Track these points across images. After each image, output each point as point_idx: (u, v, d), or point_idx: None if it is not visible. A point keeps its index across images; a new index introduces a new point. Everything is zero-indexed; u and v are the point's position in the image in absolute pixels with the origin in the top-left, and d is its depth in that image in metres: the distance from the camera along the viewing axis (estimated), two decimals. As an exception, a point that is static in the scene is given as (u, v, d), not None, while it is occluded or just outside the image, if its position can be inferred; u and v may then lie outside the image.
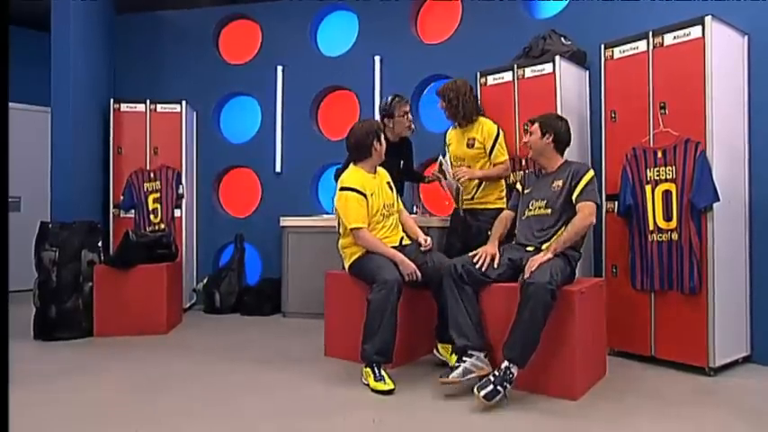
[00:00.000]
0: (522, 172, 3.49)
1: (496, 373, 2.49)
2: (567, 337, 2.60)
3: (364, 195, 3.09)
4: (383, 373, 2.79)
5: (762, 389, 2.74)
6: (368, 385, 2.78)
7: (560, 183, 2.88)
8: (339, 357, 3.30)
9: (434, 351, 3.16)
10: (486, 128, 3.47)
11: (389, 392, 2.70)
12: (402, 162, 3.81)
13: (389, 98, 3.75)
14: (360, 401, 2.60)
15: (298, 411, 2.49)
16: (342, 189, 3.13)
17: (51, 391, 2.78)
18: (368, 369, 2.83)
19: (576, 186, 2.82)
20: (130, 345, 3.70)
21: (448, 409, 2.50)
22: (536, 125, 2.99)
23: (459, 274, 2.79)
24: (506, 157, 3.50)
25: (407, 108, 3.74)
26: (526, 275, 2.60)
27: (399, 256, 3.05)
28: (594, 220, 2.81)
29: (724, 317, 2.94)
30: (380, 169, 3.32)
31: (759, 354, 3.11)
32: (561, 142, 2.98)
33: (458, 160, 3.57)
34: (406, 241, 3.26)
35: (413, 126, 3.84)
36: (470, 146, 3.49)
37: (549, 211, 2.88)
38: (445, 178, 3.67)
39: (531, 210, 2.97)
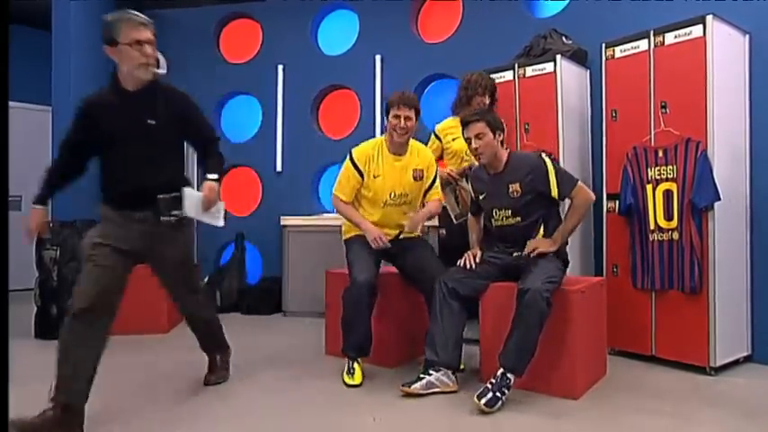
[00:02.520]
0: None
1: (493, 381, 2.46)
2: (567, 337, 2.60)
3: (361, 174, 2.96)
4: (355, 366, 2.87)
5: (763, 388, 2.74)
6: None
7: (518, 186, 2.71)
8: (339, 356, 3.29)
9: None
10: None
11: (355, 386, 2.79)
12: (156, 124, 2.35)
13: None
14: (360, 400, 2.60)
15: (297, 410, 2.49)
16: (349, 154, 3.03)
17: (51, 390, 2.77)
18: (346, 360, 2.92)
19: (549, 186, 2.68)
20: (131, 344, 3.70)
21: (448, 408, 2.49)
22: (482, 125, 2.70)
23: (449, 289, 2.73)
24: None
25: (145, 35, 2.31)
26: (526, 250, 2.67)
27: (366, 224, 2.95)
28: (592, 195, 2.74)
29: (725, 316, 2.94)
30: (423, 153, 3.06)
31: (760, 353, 3.11)
32: (503, 133, 2.79)
33: (470, 154, 3.28)
34: (408, 234, 3.07)
35: (159, 64, 2.48)
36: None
37: (519, 218, 2.75)
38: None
39: (497, 220, 2.82)
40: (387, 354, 3.10)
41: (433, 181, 3.11)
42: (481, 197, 2.90)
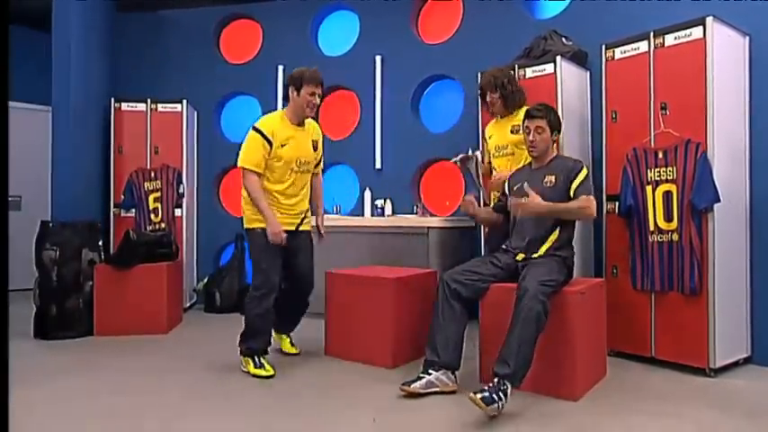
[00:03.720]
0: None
1: (491, 384, 2.38)
2: (567, 338, 2.60)
3: (270, 143, 2.99)
4: (263, 360, 2.99)
5: (762, 390, 2.74)
6: (248, 372, 2.98)
7: (553, 178, 2.83)
8: (339, 357, 3.30)
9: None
10: None
11: (271, 377, 2.91)
12: None
13: None
14: (360, 401, 2.60)
15: (297, 411, 2.49)
16: (253, 128, 3.05)
17: (51, 389, 2.78)
18: (247, 358, 3.01)
19: (572, 183, 2.78)
20: (130, 344, 3.70)
21: (448, 409, 2.50)
22: (544, 121, 2.85)
23: (451, 290, 2.74)
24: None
25: None
26: (522, 200, 2.69)
27: (271, 216, 2.98)
28: (594, 213, 2.78)
29: (724, 318, 2.94)
30: (315, 126, 3.21)
31: (759, 355, 3.11)
32: (559, 135, 2.98)
33: (500, 150, 3.39)
34: (306, 226, 3.21)
35: None
36: (515, 131, 3.29)
37: None
38: (468, 172, 3.43)
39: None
40: (386, 354, 3.10)
41: (321, 157, 3.30)
42: (516, 186, 2.95)
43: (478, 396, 2.32)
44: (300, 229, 3.17)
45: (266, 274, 3.01)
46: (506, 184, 3.09)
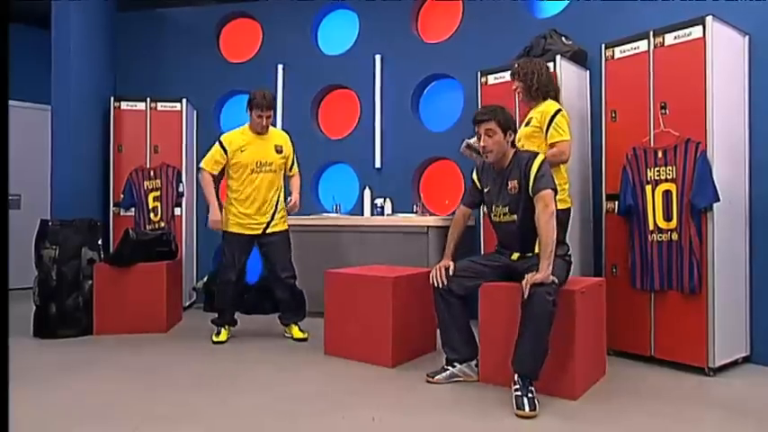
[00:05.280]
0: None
1: (517, 387, 2.43)
2: (566, 337, 2.60)
3: (225, 151, 3.65)
4: (221, 330, 3.72)
5: (761, 389, 2.74)
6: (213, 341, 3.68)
7: (516, 183, 2.70)
8: (339, 356, 3.30)
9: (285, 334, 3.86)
10: (545, 108, 3.16)
11: (219, 343, 3.64)
12: None
13: None
14: (359, 400, 2.60)
15: (297, 410, 2.49)
16: (217, 139, 3.75)
17: (51, 388, 2.78)
18: (214, 327, 3.76)
19: (529, 178, 2.64)
20: (130, 343, 3.70)
21: (448, 409, 2.50)
22: (493, 123, 2.69)
23: (446, 289, 2.77)
24: (563, 138, 3.07)
25: None
26: (526, 294, 2.45)
27: (214, 206, 3.66)
28: (553, 208, 2.58)
29: (724, 317, 2.94)
30: (280, 133, 3.83)
31: (758, 354, 3.11)
32: (515, 133, 2.81)
33: (518, 140, 3.24)
34: (276, 227, 3.70)
35: None
36: (527, 123, 3.25)
37: (515, 217, 2.74)
38: (478, 153, 3.23)
39: (495, 216, 2.83)
40: (386, 353, 3.11)
41: (293, 160, 3.85)
42: (485, 189, 2.91)
43: (526, 409, 2.37)
44: (268, 231, 3.69)
45: (225, 268, 3.71)
46: (476, 176, 2.97)
